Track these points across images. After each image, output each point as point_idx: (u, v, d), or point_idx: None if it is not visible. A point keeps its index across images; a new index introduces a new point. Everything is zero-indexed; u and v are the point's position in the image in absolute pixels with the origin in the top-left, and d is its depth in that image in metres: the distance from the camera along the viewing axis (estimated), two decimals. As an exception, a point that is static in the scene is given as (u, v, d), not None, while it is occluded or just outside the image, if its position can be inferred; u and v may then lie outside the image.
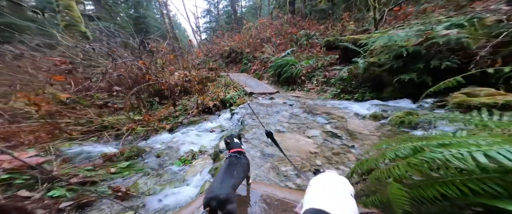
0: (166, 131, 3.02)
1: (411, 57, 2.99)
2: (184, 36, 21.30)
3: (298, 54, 7.69)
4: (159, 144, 2.56)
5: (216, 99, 4.20)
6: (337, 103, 3.82)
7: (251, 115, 3.12)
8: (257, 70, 8.58)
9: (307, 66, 6.12)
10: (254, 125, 2.68)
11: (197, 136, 2.77)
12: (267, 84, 6.27)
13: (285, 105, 3.75)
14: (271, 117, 3.02)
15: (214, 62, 11.57)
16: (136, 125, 2.76)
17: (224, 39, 12.62)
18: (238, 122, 2.97)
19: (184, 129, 3.08)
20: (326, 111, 3.33)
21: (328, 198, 0.57)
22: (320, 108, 3.58)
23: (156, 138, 2.78)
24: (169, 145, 2.49)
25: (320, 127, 2.57)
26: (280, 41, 9.33)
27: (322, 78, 5.38)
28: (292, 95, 4.89)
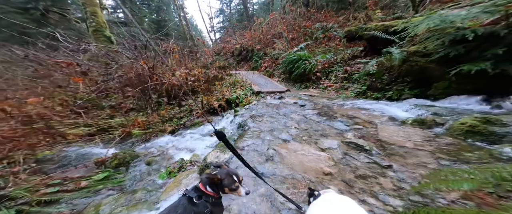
0: (167, 133, 2.80)
1: (480, 42, 2.12)
2: (201, 37, 22.08)
3: (313, 48, 6.92)
4: (156, 148, 2.33)
5: (222, 99, 3.87)
6: (363, 103, 3.08)
7: (255, 117, 2.68)
8: (268, 67, 8.08)
9: (323, 61, 5.37)
10: (256, 130, 2.23)
11: (195, 140, 2.48)
12: (277, 82, 5.72)
13: (295, 106, 3.19)
14: (277, 121, 2.52)
15: (225, 61, 11.50)
16: (134, 127, 2.59)
17: (235, 37, 12.44)
18: (239, 126, 2.55)
19: (185, 132, 2.84)
20: (347, 113, 2.67)
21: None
22: (339, 109, 2.92)
23: (156, 141, 2.59)
24: (165, 150, 2.25)
25: (338, 136, 1.98)
26: (292, 36, 8.63)
27: (342, 74, 4.59)
28: (305, 94, 4.26)
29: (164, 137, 2.70)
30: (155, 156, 2.08)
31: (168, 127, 2.87)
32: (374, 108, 2.79)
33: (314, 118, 2.58)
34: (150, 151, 2.23)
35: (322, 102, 3.40)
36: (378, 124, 2.19)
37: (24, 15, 9.05)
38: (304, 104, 3.25)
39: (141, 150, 2.30)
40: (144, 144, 2.43)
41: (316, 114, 2.72)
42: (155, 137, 2.72)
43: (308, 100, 3.60)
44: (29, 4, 9.30)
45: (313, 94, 4.14)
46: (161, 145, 2.42)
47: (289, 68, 5.24)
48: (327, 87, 4.61)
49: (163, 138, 2.68)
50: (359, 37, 4.52)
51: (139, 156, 2.07)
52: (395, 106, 2.72)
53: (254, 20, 10.99)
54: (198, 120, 3.28)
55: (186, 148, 2.26)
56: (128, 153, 2.02)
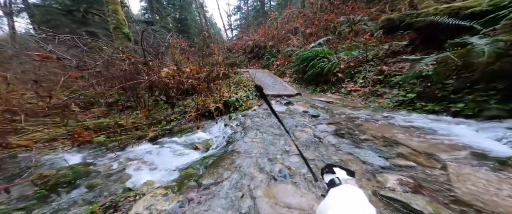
0: (147, 140, 2.31)
1: None
2: (219, 34, 22.48)
3: (335, 44, 5.79)
4: (122, 161, 1.80)
5: (219, 101, 3.27)
6: (410, 118, 2.06)
7: (248, 130, 1.99)
8: (280, 65, 7.24)
9: (348, 59, 4.28)
10: (242, 153, 1.55)
11: (172, 154, 1.93)
12: (288, 83, 4.88)
13: (305, 117, 2.36)
14: (275, 139, 1.76)
15: (236, 58, 11.08)
16: (91, 134, 2.15)
17: (248, 34, 11.91)
18: (227, 142, 1.90)
19: (168, 139, 2.32)
20: (383, 133, 1.74)
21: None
22: (369, 126, 1.99)
23: (132, 150, 2.11)
24: (127, 165, 1.73)
25: (369, 179, 1.13)
26: (310, 31, 7.54)
27: (374, 75, 3.47)
28: (320, 99, 3.33)
29: (143, 145, 2.22)
30: (107, 176, 1.58)
31: (151, 132, 2.40)
32: (433, 128, 1.76)
33: (329, 138, 1.73)
34: (110, 165, 1.76)
35: (343, 114, 2.46)
36: (449, 163, 1.23)
37: (67, 16, 10.40)
38: (317, 114, 2.39)
39: (106, 161, 1.85)
40: (115, 154, 1.97)
41: (333, 132, 1.86)
42: (134, 144, 2.24)
43: (324, 109, 2.70)
44: (73, 7, 10.60)
45: (331, 101, 3.18)
46: (131, 156, 1.92)
47: (302, 67, 4.33)
48: (351, 92, 3.56)
49: (142, 146, 2.19)
50: (404, 27, 3.32)
51: (90, 173, 1.61)
52: (473, 128, 1.65)
53: (269, 15, 10.21)
54: (188, 124, 2.76)
55: (154, 165, 1.72)
56: (76, 169, 1.58)
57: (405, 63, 3.06)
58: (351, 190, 0.54)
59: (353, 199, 0.51)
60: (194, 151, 1.97)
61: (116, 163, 1.79)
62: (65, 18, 10.40)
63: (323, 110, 2.64)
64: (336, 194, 0.54)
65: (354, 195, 0.52)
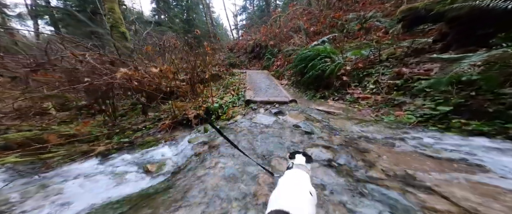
0: (96, 156, 1.83)
1: None
2: (225, 34, 22.39)
3: (342, 43, 5.10)
4: (24, 191, 1.28)
5: (201, 107, 2.79)
6: (440, 143, 1.42)
7: (213, 152, 1.48)
8: (280, 66, 6.67)
9: (355, 59, 3.61)
10: (187, 191, 1.05)
11: (109, 180, 1.44)
12: (284, 87, 4.30)
13: (294, 134, 1.80)
14: (243, 174, 1.22)
15: (237, 58, 10.68)
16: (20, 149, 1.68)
17: (250, 33, 11.47)
18: (178, 164, 1.41)
19: (119, 156, 1.83)
20: (402, 167, 1.14)
21: (290, 198, 0.63)
22: (381, 151, 1.39)
23: (66, 169, 1.61)
24: (29, 197, 1.23)
25: None
26: (315, 29, 6.87)
27: (390, 80, 2.79)
28: (319, 108, 2.72)
29: (87, 162, 1.76)
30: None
31: (102, 146, 1.95)
32: (485, 161, 1.12)
33: (319, 174, 1.15)
34: (8, 197, 1.24)
35: (347, 130, 1.85)
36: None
37: (74, 17, 10.77)
38: (311, 131, 1.81)
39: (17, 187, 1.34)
40: (38, 176, 1.53)
41: (326, 162, 1.27)
42: (81, 160, 1.75)
43: (322, 122, 2.10)
44: (80, 8, 10.95)
45: (332, 112, 2.55)
46: (51, 182, 1.41)
47: (301, 68, 3.72)
48: (358, 99, 2.90)
49: (84, 164, 1.72)
50: (433, 18, 2.59)
51: None
52: None
53: (272, 14, 9.67)
54: (153, 136, 2.30)
55: (68, 199, 1.21)
56: None
57: (433, 64, 2.35)
58: (297, 173, 0.76)
59: (295, 179, 0.73)
60: (144, 175, 1.49)
61: (19, 193, 1.26)
62: (73, 19, 10.77)
63: (320, 123, 2.05)
64: (286, 176, 0.77)
65: (298, 177, 0.74)
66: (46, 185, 1.35)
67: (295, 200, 0.62)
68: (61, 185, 1.36)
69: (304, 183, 0.71)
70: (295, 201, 0.61)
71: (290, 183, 0.71)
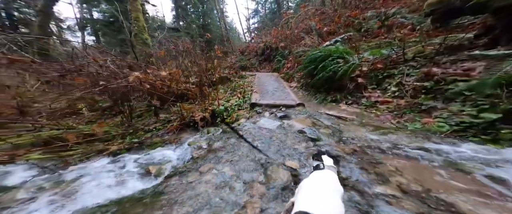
0: (107, 155, 1.93)
1: None
2: (238, 38, 23.13)
3: (358, 42, 4.72)
4: (38, 187, 1.40)
5: (207, 110, 2.83)
6: (486, 158, 1.12)
7: (213, 153, 1.47)
8: (290, 68, 6.51)
9: (374, 58, 3.28)
10: (174, 197, 1.03)
11: (112, 180, 1.49)
12: (293, 89, 4.14)
13: (298, 140, 1.67)
14: (223, 184, 1.14)
15: (247, 61, 10.83)
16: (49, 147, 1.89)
17: (261, 35, 11.55)
18: (173, 168, 1.43)
19: (128, 156, 1.91)
20: (428, 187, 0.91)
21: (318, 201, 0.59)
22: (400, 164, 1.17)
23: (78, 166, 1.72)
24: (40, 195, 1.30)
25: None
26: (328, 29, 6.55)
27: (416, 81, 2.44)
28: (328, 113, 2.51)
29: (98, 161, 1.83)
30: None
31: (114, 145, 2.07)
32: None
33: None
34: (24, 192, 1.33)
35: (359, 138, 1.64)
36: None
37: (109, 27, 12.43)
38: (317, 137, 1.66)
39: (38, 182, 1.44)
40: (58, 173, 1.59)
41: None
42: (95, 158, 1.84)
43: (330, 128, 1.92)
44: (112, 18, 12.55)
45: (344, 117, 2.31)
46: (62, 179, 1.51)
47: (310, 70, 3.53)
48: (377, 103, 2.59)
49: (96, 163, 1.78)
50: (472, 9, 2.18)
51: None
52: None
53: (282, 16, 9.58)
54: (161, 137, 2.38)
55: (71, 197, 1.25)
56: None
57: (476, 62, 1.95)
58: (328, 173, 0.74)
59: (325, 179, 0.70)
60: (144, 176, 1.53)
61: (35, 188, 1.36)
62: (107, 28, 12.44)
63: (328, 129, 1.87)
64: (315, 175, 0.75)
65: (328, 177, 0.72)
66: (59, 182, 1.47)
67: (332, 204, 0.58)
68: (70, 184, 1.47)
69: (337, 186, 0.68)
70: (331, 205, 0.57)
71: (323, 184, 0.67)
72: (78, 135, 2.04)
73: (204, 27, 18.03)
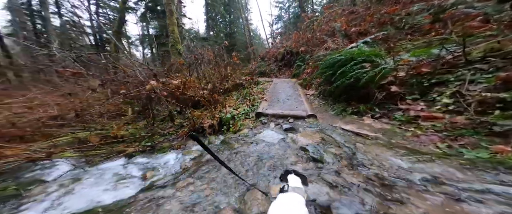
0: (124, 156, 2.14)
1: None
2: (262, 44, 23.95)
3: (395, 42, 3.91)
4: (58, 184, 1.57)
5: (215, 117, 2.96)
6: None
7: (198, 167, 1.49)
8: (310, 74, 6.07)
9: (417, 61, 2.60)
10: None
11: (114, 181, 1.61)
12: (308, 98, 3.79)
13: (295, 160, 1.44)
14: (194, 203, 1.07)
15: (267, 67, 10.90)
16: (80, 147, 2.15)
17: (282, 40, 11.45)
18: (164, 178, 1.48)
19: (138, 159, 2.07)
20: None
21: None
22: (432, 208, 0.78)
23: (101, 166, 1.90)
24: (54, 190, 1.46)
25: None
26: (358, 29, 5.78)
27: (484, 92, 1.76)
28: (345, 128, 2.10)
29: (116, 161, 2.01)
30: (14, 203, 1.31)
31: (131, 148, 2.30)
32: None
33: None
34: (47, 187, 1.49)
35: (380, 163, 1.28)
36: None
37: (157, 40, 15.45)
38: (320, 158, 1.40)
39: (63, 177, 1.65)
40: (84, 170, 1.80)
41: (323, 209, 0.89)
42: (114, 158, 2.07)
43: (343, 147, 1.59)
44: (160, 33, 15.42)
45: (364, 134, 1.87)
46: (80, 176, 1.67)
47: (327, 76, 3.12)
48: (417, 119, 1.99)
49: (113, 162, 1.96)
50: None
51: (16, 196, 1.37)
52: None
53: (305, 18, 9.17)
54: (169, 143, 2.50)
55: (73, 195, 1.39)
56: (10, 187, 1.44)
57: None
58: (292, 197, 0.68)
59: (289, 204, 0.64)
60: (140, 181, 1.60)
61: (56, 185, 1.55)
62: (157, 42, 15.42)
63: (339, 149, 1.55)
64: (280, 200, 0.68)
65: (292, 201, 0.65)
66: (74, 179, 1.63)
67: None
68: (74, 183, 1.58)
69: (302, 211, 0.62)
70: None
71: (286, 210, 0.62)
72: (106, 136, 2.47)
73: (230, 36, 19.60)
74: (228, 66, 5.06)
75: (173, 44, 9.01)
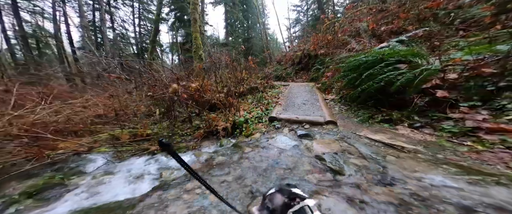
0: (146, 154, 2.24)
1: None
2: (279, 48, 24.03)
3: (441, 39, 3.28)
4: (91, 176, 1.70)
5: (228, 120, 2.98)
6: None
7: (215, 167, 1.47)
8: (330, 77, 5.65)
9: (474, 60, 2.08)
10: None
11: (130, 179, 1.68)
12: (328, 103, 3.48)
13: (309, 171, 1.28)
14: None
15: (283, 71, 10.73)
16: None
17: (299, 43, 11.14)
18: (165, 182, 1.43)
19: (156, 157, 2.13)
20: None
21: None
22: None
23: (127, 162, 2.01)
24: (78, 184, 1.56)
25: None
26: (387, 28, 5.15)
27: None
28: (372, 137, 1.79)
29: (142, 158, 2.13)
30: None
31: (152, 146, 2.44)
32: None
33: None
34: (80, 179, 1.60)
35: (419, 182, 1.01)
36: None
37: (184, 47, 17.29)
38: (339, 168, 1.21)
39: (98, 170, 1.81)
40: (115, 163, 1.97)
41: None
42: (138, 156, 2.19)
43: (369, 158, 1.34)
44: (185, 40, 17.10)
45: (398, 145, 1.54)
46: (108, 171, 1.77)
47: (350, 80, 2.79)
48: (477, 131, 1.54)
49: (139, 159, 2.09)
50: None
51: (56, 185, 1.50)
52: None
53: (324, 20, 8.70)
54: (184, 143, 2.55)
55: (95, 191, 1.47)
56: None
57: None
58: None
59: None
60: (155, 180, 1.61)
61: (90, 177, 1.69)
62: (184, 49, 17.22)
63: (363, 160, 1.31)
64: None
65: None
66: (102, 173, 1.73)
67: None
68: (104, 176, 1.67)
69: None
70: None
71: None
72: (135, 134, 2.74)
73: (248, 40, 20.30)
74: (243, 70, 5.16)
75: (196, 50, 9.83)
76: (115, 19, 17.21)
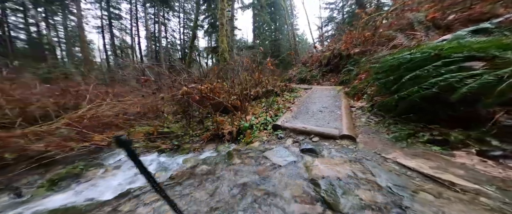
0: (156, 152, 2.40)
1: None
2: (309, 49, 22.72)
3: None
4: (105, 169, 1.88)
5: (234, 125, 2.91)
6: None
7: (192, 177, 1.33)
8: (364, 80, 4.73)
9: None
10: None
11: (131, 176, 1.76)
12: (354, 111, 2.87)
13: (297, 197, 0.99)
14: None
15: (308, 73, 9.92)
16: None
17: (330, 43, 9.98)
18: None
19: (163, 156, 2.28)
20: None
21: None
22: None
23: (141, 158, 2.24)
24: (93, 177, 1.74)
25: None
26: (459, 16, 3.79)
27: None
28: (402, 162, 1.26)
29: (153, 155, 2.31)
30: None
31: (163, 144, 2.53)
32: None
33: None
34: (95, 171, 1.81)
35: None
36: None
37: (215, 49, 19.12)
38: (334, 202, 0.90)
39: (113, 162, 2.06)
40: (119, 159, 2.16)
41: None
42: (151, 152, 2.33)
43: (388, 193, 0.95)
44: (216, 44, 18.80)
45: (446, 181, 1.00)
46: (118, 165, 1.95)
47: (385, 84, 2.15)
48: None
49: (150, 156, 2.26)
50: None
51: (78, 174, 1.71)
52: None
53: (362, 16, 7.33)
54: (189, 144, 2.64)
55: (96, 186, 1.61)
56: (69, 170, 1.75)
57: None
58: None
59: None
60: None
61: (103, 170, 1.87)
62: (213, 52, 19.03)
63: (375, 194, 0.93)
64: None
65: None
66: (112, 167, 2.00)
67: None
68: (113, 170, 1.91)
69: None
70: None
71: None
72: (150, 132, 2.98)
73: (275, 42, 20.10)
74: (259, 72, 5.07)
75: (221, 53, 10.53)
76: (167, 29, 21.16)
